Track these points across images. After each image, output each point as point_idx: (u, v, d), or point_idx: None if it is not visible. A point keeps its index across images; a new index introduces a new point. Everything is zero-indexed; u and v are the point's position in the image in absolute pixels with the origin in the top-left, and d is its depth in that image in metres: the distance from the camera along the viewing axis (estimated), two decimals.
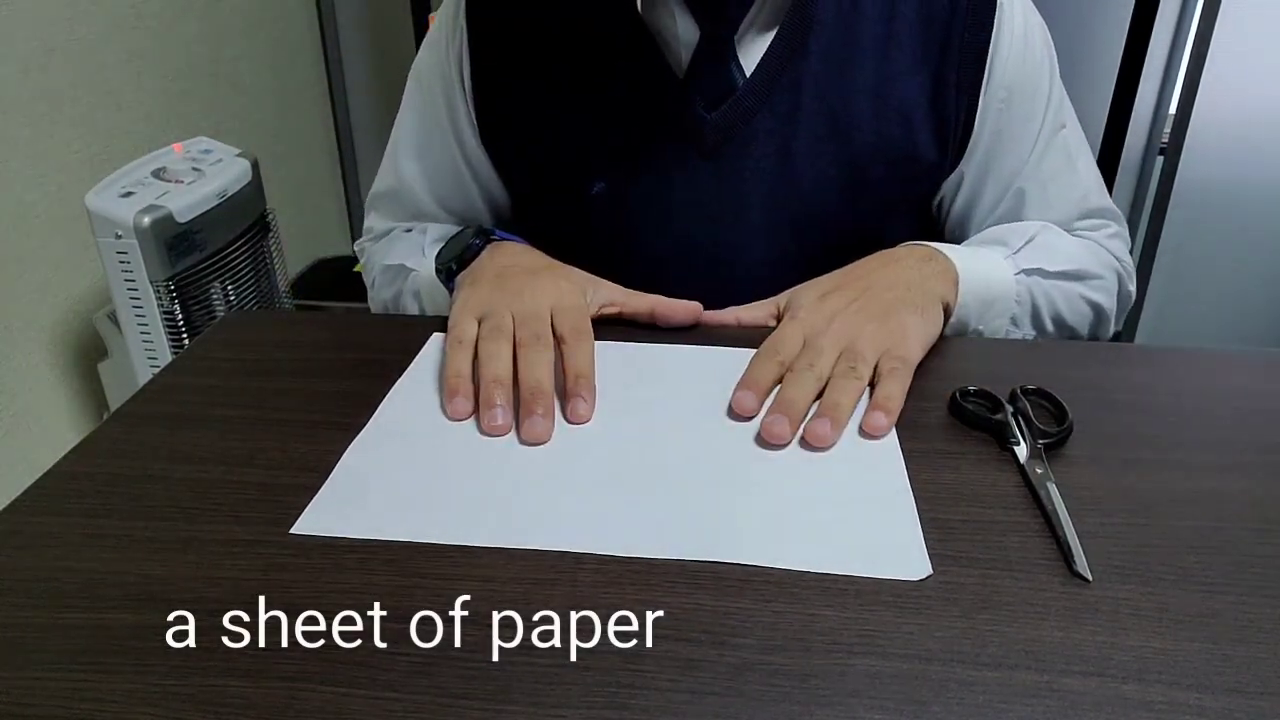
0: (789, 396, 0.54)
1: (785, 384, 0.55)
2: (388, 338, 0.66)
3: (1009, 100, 0.72)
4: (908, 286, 0.62)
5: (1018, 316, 0.69)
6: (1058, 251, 0.71)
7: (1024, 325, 0.70)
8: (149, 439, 0.54)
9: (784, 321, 0.61)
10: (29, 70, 1.31)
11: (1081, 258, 0.72)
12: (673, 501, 0.47)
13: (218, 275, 1.38)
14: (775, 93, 0.69)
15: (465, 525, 0.46)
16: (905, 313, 0.60)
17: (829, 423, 0.52)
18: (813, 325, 0.59)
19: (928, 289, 0.62)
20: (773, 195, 0.71)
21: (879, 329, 0.58)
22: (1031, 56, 0.72)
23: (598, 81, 0.72)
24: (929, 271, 0.64)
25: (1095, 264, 0.73)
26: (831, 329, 0.58)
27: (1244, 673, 0.37)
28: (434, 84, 0.78)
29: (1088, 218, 0.76)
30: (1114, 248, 0.76)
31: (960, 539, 0.45)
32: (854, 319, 0.59)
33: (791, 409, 0.52)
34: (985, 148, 0.73)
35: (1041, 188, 0.74)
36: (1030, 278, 0.69)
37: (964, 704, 0.36)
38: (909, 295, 0.61)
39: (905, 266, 0.64)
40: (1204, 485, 0.49)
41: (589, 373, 0.56)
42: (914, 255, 0.66)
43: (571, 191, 0.74)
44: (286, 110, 2.03)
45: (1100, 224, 0.77)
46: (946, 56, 0.69)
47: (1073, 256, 0.72)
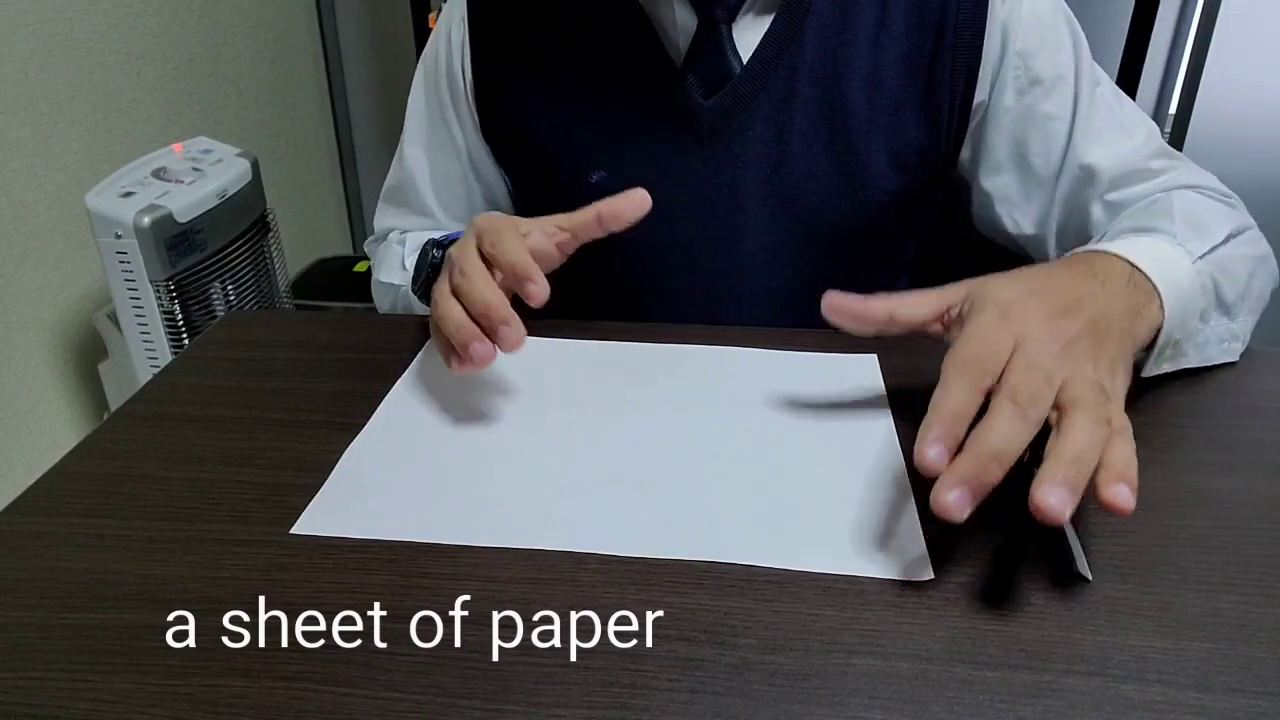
0: (997, 445, 0.40)
1: (995, 420, 0.41)
2: (388, 338, 0.66)
3: (1026, 72, 0.69)
4: (1123, 332, 0.49)
5: (1205, 311, 0.59)
6: (1203, 217, 0.62)
7: (1211, 318, 0.60)
8: (149, 439, 0.54)
9: (994, 326, 0.45)
10: (29, 70, 1.31)
11: (1223, 212, 0.65)
12: (673, 501, 0.47)
13: (218, 275, 1.38)
14: (771, 80, 0.70)
15: (465, 525, 0.46)
16: (1126, 366, 0.48)
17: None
18: (1041, 347, 0.44)
19: (1137, 332, 0.51)
20: (769, 182, 0.72)
21: (1106, 381, 0.45)
22: (1039, 23, 0.69)
23: (596, 70, 0.72)
24: (1138, 303, 0.52)
25: (1235, 215, 0.65)
26: (1062, 364, 0.44)
27: (1244, 672, 0.37)
28: (437, 76, 0.79)
29: (1158, 157, 0.70)
30: (1203, 182, 0.69)
31: (960, 539, 0.45)
32: (1083, 360, 0.45)
33: (998, 461, 0.39)
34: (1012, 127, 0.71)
35: (1103, 144, 0.70)
36: (1205, 262, 0.59)
37: (964, 704, 0.36)
38: (1126, 342, 0.49)
39: (1116, 294, 0.51)
40: (1204, 485, 0.49)
41: (522, 259, 0.52)
42: (1117, 275, 0.53)
43: (571, 181, 0.74)
44: (286, 110, 2.03)
45: (1172, 163, 0.70)
46: (941, 40, 0.69)
47: (1220, 214, 0.64)
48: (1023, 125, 0.71)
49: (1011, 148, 0.72)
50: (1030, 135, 0.71)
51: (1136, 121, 0.72)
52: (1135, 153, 0.70)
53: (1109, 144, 0.70)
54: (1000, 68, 0.70)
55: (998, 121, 0.72)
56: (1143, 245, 0.57)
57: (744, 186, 0.72)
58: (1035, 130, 0.71)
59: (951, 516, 0.39)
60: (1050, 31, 0.70)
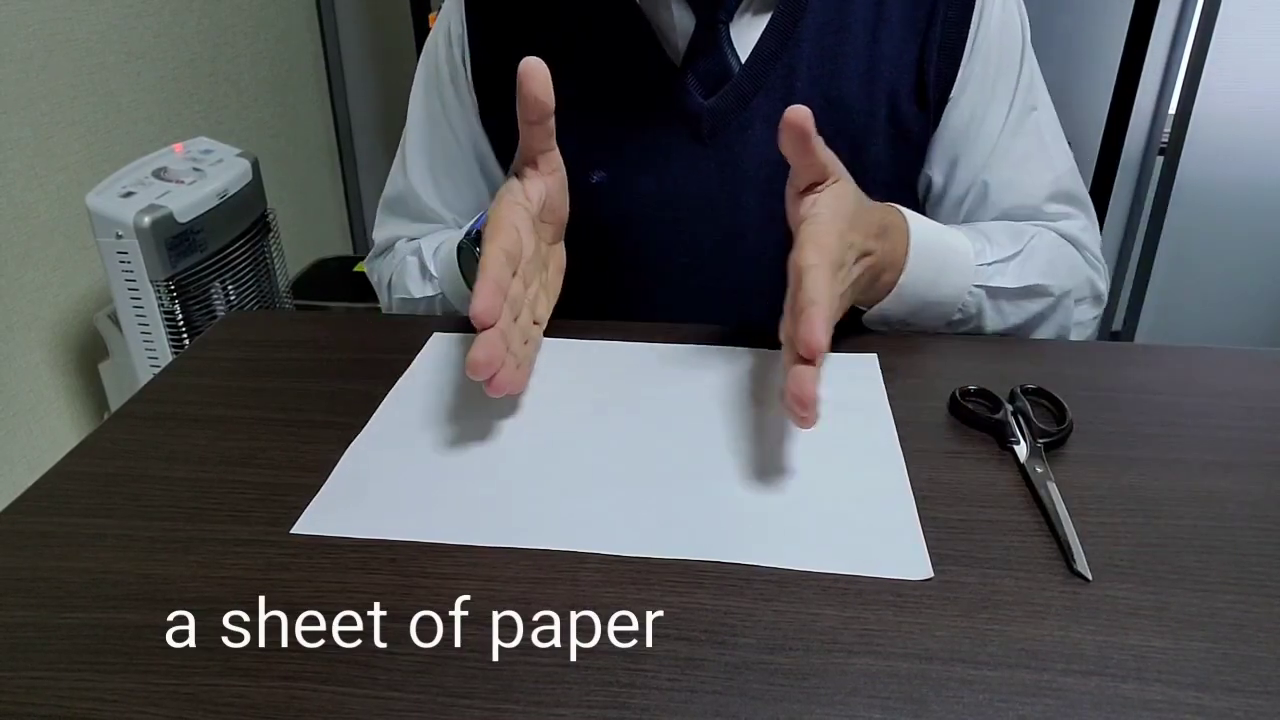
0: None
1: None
2: (388, 338, 0.66)
3: (983, 76, 0.72)
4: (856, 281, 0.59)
5: (955, 323, 0.68)
6: (1036, 263, 0.69)
7: (961, 329, 0.69)
8: (149, 439, 0.54)
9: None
10: (29, 70, 1.31)
11: (1059, 270, 0.70)
12: (673, 501, 0.47)
13: (218, 275, 1.38)
14: (770, 78, 0.70)
15: (465, 525, 0.46)
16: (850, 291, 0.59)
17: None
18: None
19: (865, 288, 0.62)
20: (771, 180, 0.72)
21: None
22: (1008, 34, 0.72)
23: (596, 71, 0.73)
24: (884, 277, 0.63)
25: (1069, 277, 0.71)
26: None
27: (1243, 672, 0.37)
28: (438, 77, 0.78)
29: (1057, 202, 0.74)
30: (1087, 241, 0.75)
31: (960, 538, 0.45)
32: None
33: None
34: (959, 126, 0.73)
35: (1011, 169, 0.73)
36: (984, 292, 0.67)
37: (964, 703, 0.36)
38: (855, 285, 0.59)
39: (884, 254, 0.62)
40: (1204, 485, 0.49)
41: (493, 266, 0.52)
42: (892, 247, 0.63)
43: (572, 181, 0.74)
44: (286, 110, 2.03)
45: (1069, 211, 0.75)
46: (931, 28, 0.70)
47: (1054, 270, 0.70)
48: (962, 134, 0.73)
49: (949, 150, 0.74)
50: (963, 145, 0.74)
51: (1059, 156, 0.74)
52: (1037, 190, 0.73)
53: (1020, 173, 0.73)
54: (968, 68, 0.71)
55: (948, 120, 0.73)
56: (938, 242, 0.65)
57: (745, 185, 0.72)
58: (968, 141, 0.73)
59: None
60: (1011, 46, 0.72)
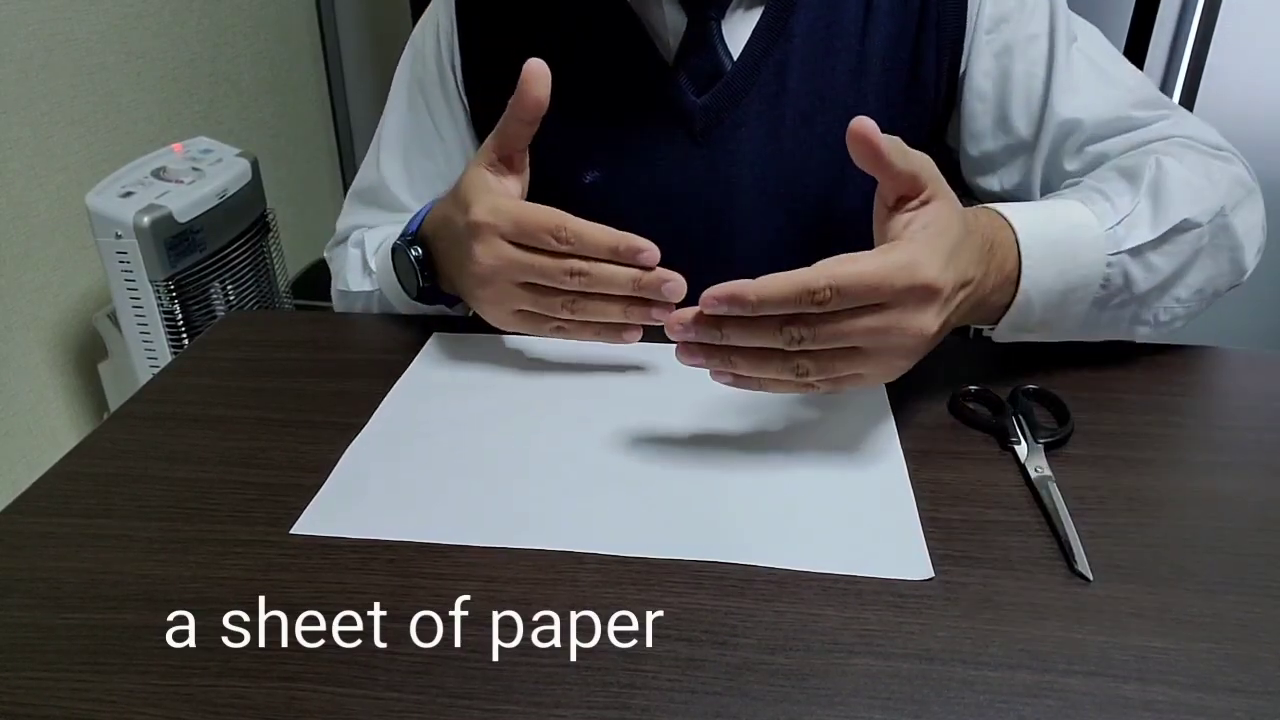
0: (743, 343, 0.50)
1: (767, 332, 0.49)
2: (388, 338, 0.66)
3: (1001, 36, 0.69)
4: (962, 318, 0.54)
5: (1100, 300, 0.58)
6: (1171, 192, 0.59)
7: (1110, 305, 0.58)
8: (149, 439, 0.54)
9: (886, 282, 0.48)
10: (29, 70, 1.31)
11: (1198, 187, 0.60)
12: (673, 501, 0.47)
13: (218, 275, 1.38)
14: (761, 75, 0.70)
15: (465, 525, 0.46)
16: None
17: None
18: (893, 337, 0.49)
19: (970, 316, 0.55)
20: (764, 177, 0.72)
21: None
22: None
23: (588, 71, 0.73)
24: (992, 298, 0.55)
25: (1213, 191, 0.60)
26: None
27: (1245, 672, 0.37)
28: (424, 75, 0.78)
29: (1145, 108, 0.68)
30: (1202, 135, 0.66)
31: (961, 539, 0.45)
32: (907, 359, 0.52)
33: None
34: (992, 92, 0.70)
35: (1074, 95, 0.68)
36: (1126, 256, 0.57)
37: (964, 703, 0.36)
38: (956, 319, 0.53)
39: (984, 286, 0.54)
40: (1204, 485, 0.49)
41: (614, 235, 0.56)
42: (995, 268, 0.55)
43: (565, 181, 0.74)
44: (286, 110, 2.03)
45: (1163, 113, 0.68)
46: (925, 16, 0.69)
47: (1194, 191, 0.59)
48: (1001, 89, 0.70)
49: (994, 112, 0.71)
50: (1010, 97, 0.70)
51: (1123, 73, 0.70)
52: (1117, 102, 0.68)
53: (1087, 95, 0.68)
54: (976, 34, 0.69)
55: (978, 88, 0.71)
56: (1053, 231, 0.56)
57: (739, 182, 0.72)
58: (1014, 91, 0.70)
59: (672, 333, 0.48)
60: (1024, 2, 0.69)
